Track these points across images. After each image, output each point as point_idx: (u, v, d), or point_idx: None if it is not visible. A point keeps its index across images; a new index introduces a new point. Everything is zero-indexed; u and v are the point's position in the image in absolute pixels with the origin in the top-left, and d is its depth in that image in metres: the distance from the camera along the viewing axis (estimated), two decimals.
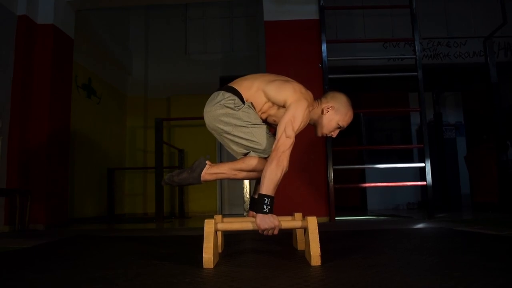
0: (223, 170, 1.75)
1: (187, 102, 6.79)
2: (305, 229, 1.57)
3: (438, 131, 6.76)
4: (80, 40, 4.99)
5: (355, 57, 5.32)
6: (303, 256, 1.65)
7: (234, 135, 1.74)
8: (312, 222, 1.54)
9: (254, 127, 1.73)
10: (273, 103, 1.79)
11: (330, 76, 4.10)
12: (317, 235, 1.50)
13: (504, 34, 5.17)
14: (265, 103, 1.80)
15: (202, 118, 1.84)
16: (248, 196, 4.41)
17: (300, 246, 1.88)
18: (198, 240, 1.75)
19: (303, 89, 1.78)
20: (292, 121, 1.67)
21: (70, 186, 4.53)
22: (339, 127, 1.84)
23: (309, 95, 1.79)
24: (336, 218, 3.96)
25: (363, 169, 6.89)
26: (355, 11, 5.85)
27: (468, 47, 5.89)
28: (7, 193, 3.63)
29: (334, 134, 1.88)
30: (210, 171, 1.74)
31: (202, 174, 1.73)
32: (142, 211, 6.76)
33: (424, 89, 4.12)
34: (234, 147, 1.78)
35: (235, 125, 1.73)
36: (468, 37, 5.88)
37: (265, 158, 1.73)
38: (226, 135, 1.77)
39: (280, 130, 1.67)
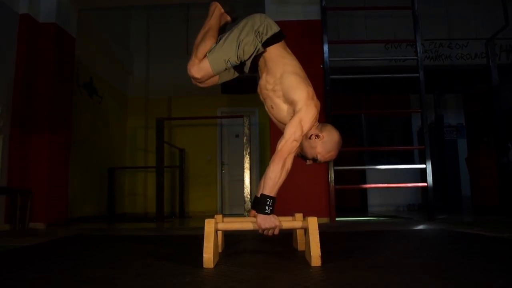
0: (210, 22, 1.94)
1: (188, 103, 6.77)
2: (306, 230, 1.57)
3: (439, 132, 6.76)
4: (82, 40, 4.99)
5: (356, 58, 5.31)
6: (303, 257, 1.65)
7: (232, 31, 1.83)
8: (313, 223, 1.54)
9: (234, 48, 1.76)
10: (280, 90, 1.74)
11: (331, 76, 4.10)
12: (318, 236, 1.50)
13: (506, 36, 5.15)
14: (273, 83, 1.76)
15: (203, 118, 1.84)
16: (248, 196, 4.41)
17: (301, 246, 1.88)
18: (198, 239, 1.75)
19: (315, 97, 1.75)
20: (302, 125, 1.66)
21: (70, 185, 4.53)
22: (315, 160, 1.74)
23: (319, 104, 1.76)
24: (336, 219, 3.96)
25: (364, 170, 6.88)
26: (357, 12, 5.85)
27: (470, 49, 5.88)
28: (8, 191, 3.63)
29: (307, 163, 1.80)
30: (216, 10, 1.98)
31: (216, 5, 1.98)
32: (142, 211, 6.75)
33: (426, 90, 4.12)
34: (225, 34, 1.87)
35: (240, 32, 1.80)
36: (470, 39, 5.88)
37: (204, 58, 1.81)
38: (238, 25, 1.87)
39: (289, 132, 1.65)
